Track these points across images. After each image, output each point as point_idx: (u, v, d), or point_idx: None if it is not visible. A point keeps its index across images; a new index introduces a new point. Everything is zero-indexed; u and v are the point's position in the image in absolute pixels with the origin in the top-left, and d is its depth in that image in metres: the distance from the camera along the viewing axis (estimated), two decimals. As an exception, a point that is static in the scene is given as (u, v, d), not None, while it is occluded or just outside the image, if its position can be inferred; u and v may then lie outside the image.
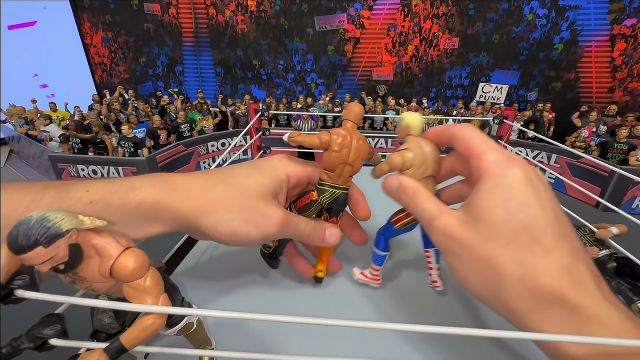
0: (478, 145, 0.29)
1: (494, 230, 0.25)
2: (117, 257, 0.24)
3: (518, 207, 0.25)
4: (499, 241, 0.25)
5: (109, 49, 7.13)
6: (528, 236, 0.24)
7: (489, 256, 0.25)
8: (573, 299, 0.23)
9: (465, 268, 0.27)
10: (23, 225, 0.20)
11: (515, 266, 0.24)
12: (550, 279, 0.23)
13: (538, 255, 0.24)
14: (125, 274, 0.24)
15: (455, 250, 0.27)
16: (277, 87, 7.09)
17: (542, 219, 0.25)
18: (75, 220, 0.22)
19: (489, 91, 5.26)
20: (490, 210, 0.26)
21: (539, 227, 0.24)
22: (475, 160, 0.28)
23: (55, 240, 0.21)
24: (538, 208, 0.25)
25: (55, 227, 0.21)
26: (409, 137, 0.39)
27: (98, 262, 0.24)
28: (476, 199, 0.27)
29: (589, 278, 0.24)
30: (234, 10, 6.56)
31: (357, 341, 0.44)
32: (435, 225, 0.29)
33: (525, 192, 0.25)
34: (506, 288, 0.25)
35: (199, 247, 0.68)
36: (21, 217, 0.20)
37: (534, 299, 0.24)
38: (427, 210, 0.30)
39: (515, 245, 0.24)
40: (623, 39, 5.47)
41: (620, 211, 0.62)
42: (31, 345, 0.24)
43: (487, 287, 0.26)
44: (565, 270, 0.24)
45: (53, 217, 0.21)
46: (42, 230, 0.20)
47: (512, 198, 0.25)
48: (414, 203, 0.32)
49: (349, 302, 0.52)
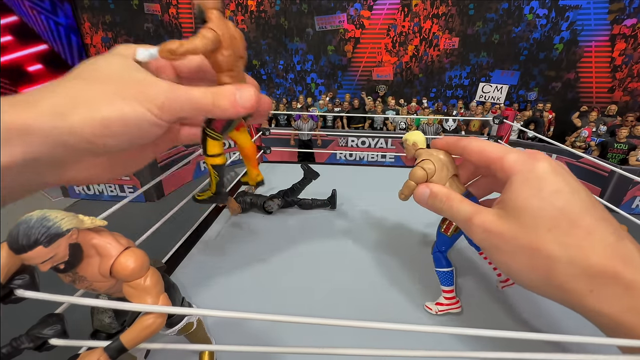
0: (494, 151, 0.31)
1: (533, 220, 0.26)
2: (117, 257, 0.24)
3: (552, 195, 0.26)
4: (541, 229, 0.26)
5: (109, 49, 7.12)
6: (568, 220, 0.25)
7: (534, 244, 0.26)
8: (627, 275, 0.23)
9: (512, 260, 0.28)
10: (23, 225, 0.20)
11: (562, 249, 0.25)
12: (599, 258, 0.24)
13: (582, 237, 0.25)
14: (125, 274, 0.24)
15: (499, 244, 0.28)
16: (277, 87, 7.09)
17: (578, 202, 0.26)
18: (76, 219, 0.22)
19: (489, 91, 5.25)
20: (525, 202, 0.27)
21: (576, 210, 0.25)
22: (497, 163, 0.30)
23: (56, 240, 0.21)
24: (571, 194, 0.26)
25: (55, 227, 0.21)
26: (420, 151, 0.41)
27: (98, 261, 0.24)
28: (509, 195, 0.28)
29: (637, 254, 0.24)
30: (234, 10, 6.56)
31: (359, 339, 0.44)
32: (475, 223, 0.30)
33: (555, 181, 0.26)
34: (558, 272, 0.25)
35: (199, 247, 0.68)
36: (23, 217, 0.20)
37: (588, 279, 0.24)
38: (463, 210, 0.31)
39: (557, 230, 0.25)
40: (623, 39, 5.47)
41: (620, 211, 0.62)
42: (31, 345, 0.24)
43: (537, 275, 0.27)
44: (612, 248, 0.24)
45: (53, 217, 0.21)
46: (43, 229, 0.20)
47: (545, 187, 0.26)
48: (449, 207, 0.33)
49: (349, 300, 0.52)
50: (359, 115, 3.43)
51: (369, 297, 0.53)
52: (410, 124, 5.06)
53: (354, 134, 4.87)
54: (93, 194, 4.11)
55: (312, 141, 4.87)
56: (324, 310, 0.51)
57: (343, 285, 0.56)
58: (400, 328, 0.23)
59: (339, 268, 0.61)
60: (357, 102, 5.47)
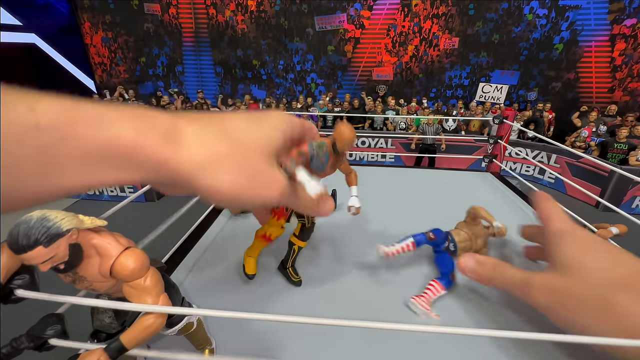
0: None
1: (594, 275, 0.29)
2: (117, 257, 0.24)
3: None
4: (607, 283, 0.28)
5: (109, 49, 7.12)
6: None
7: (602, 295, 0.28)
8: None
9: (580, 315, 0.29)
10: (23, 225, 0.20)
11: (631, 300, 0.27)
12: None
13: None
14: (126, 274, 0.24)
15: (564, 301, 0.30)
16: (277, 87, 7.09)
17: None
18: (76, 219, 0.22)
19: (489, 91, 5.26)
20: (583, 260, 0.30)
21: None
22: None
23: (56, 240, 0.21)
24: None
25: (55, 227, 0.21)
26: None
27: (98, 261, 0.24)
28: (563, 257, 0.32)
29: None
30: (234, 10, 6.56)
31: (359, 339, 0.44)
32: (535, 284, 0.32)
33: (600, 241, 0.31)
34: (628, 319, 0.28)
35: (199, 247, 0.68)
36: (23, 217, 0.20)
37: None
38: (517, 274, 0.34)
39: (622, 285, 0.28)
40: (623, 39, 5.47)
41: (620, 211, 0.62)
42: (31, 345, 0.24)
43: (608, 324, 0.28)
44: None
45: (53, 217, 0.21)
46: (43, 229, 0.20)
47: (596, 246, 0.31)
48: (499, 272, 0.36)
49: (349, 300, 0.52)
50: (359, 115, 3.43)
51: (369, 297, 0.53)
52: (410, 124, 5.06)
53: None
54: (93, 194, 4.11)
55: (312, 141, 4.86)
56: (324, 310, 0.51)
57: (343, 285, 0.56)
58: (401, 328, 0.23)
59: (339, 268, 0.61)
60: (357, 102, 5.48)
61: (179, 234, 0.70)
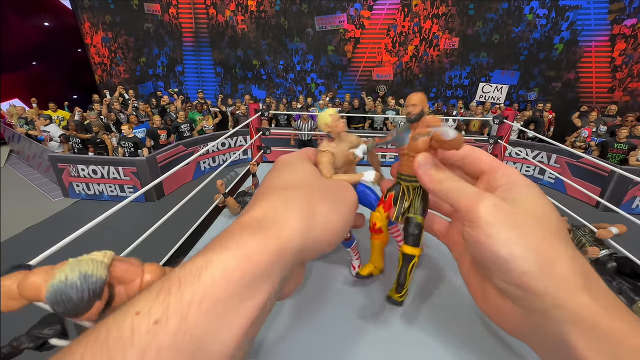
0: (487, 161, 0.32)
1: None
2: (142, 279, 0.24)
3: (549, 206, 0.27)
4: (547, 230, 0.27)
5: (109, 49, 7.13)
6: None
7: None
8: None
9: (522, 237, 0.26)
10: (71, 291, 0.20)
11: None
12: None
13: None
14: None
15: (509, 219, 0.26)
16: (277, 87, 7.09)
17: None
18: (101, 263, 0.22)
19: (489, 91, 5.27)
20: None
21: None
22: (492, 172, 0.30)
23: (104, 289, 0.21)
24: None
25: (98, 278, 0.21)
26: None
27: (123, 290, 0.24)
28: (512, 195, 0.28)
29: None
30: (234, 10, 6.56)
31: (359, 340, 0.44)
32: (487, 197, 0.27)
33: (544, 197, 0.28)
34: None
35: (199, 247, 0.68)
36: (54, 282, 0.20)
37: None
38: (470, 187, 0.30)
39: None
40: (623, 39, 5.47)
41: (620, 211, 0.62)
42: (31, 345, 0.24)
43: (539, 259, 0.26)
44: None
45: (90, 270, 0.21)
46: (92, 286, 0.20)
47: None
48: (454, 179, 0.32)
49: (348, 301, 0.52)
50: (359, 115, 3.43)
51: (369, 297, 0.53)
52: (410, 124, 5.06)
53: (354, 134, 4.87)
54: (93, 194, 4.11)
55: (312, 141, 4.87)
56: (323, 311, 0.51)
57: (343, 285, 0.56)
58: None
59: (339, 268, 0.61)
60: (357, 102, 5.48)
61: (179, 234, 0.70)
